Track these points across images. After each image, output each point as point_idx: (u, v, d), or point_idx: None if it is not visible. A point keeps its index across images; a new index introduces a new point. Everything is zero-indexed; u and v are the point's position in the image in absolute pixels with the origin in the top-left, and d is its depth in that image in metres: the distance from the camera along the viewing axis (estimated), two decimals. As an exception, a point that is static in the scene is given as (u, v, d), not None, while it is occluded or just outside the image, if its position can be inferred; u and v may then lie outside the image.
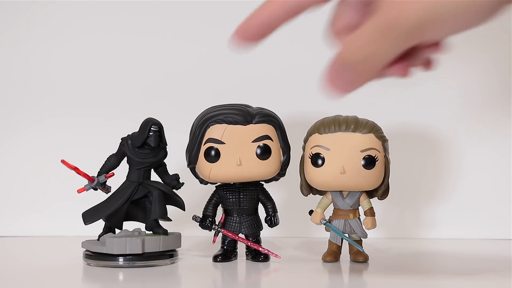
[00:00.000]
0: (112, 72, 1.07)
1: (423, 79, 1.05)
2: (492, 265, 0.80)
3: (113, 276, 0.73)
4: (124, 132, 0.82)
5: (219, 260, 0.81)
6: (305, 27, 1.07)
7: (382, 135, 0.80)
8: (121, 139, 0.81)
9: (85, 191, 0.80)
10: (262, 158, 0.79)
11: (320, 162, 0.78)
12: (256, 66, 1.07)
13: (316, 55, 1.07)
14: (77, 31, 1.08)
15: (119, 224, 0.83)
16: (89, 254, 0.79)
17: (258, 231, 0.83)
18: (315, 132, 0.80)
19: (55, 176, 1.02)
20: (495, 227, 1.04)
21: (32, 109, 1.07)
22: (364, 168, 0.78)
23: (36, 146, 1.06)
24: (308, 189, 0.82)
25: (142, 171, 0.81)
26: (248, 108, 0.80)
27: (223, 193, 0.83)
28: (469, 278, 0.74)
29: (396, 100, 1.05)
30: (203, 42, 1.07)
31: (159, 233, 0.80)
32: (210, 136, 0.79)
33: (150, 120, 0.80)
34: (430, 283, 0.72)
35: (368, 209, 0.81)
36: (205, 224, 0.82)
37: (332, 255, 0.81)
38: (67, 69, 1.07)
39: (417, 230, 1.05)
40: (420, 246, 0.97)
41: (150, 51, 1.07)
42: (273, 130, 0.81)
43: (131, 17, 1.08)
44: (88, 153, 0.95)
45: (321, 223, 0.81)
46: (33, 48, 1.08)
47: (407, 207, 1.05)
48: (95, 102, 1.07)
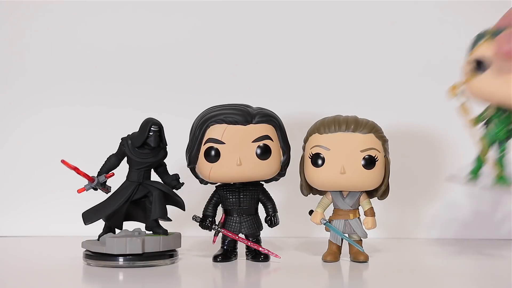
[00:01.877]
0: (112, 72, 1.07)
1: (423, 79, 1.05)
2: (492, 265, 0.80)
3: (113, 276, 0.73)
4: (124, 132, 0.82)
5: (219, 260, 0.81)
6: (305, 27, 1.08)
7: (382, 135, 0.80)
8: (121, 139, 0.81)
9: (85, 191, 0.80)
10: (262, 158, 0.79)
11: (320, 162, 0.78)
12: (256, 66, 1.07)
13: (316, 55, 1.07)
14: (75, 32, 1.08)
15: (119, 224, 0.83)
16: (89, 254, 0.79)
17: (258, 231, 0.83)
18: (315, 132, 0.80)
19: (55, 176, 1.02)
20: (495, 227, 1.04)
21: (32, 109, 1.07)
22: (364, 168, 0.78)
23: (36, 146, 1.06)
24: (308, 189, 0.82)
25: (142, 171, 0.81)
26: (248, 108, 0.80)
27: (223, 193, 0.83)
28: (469, 278, 0.74)
29: (396, 100, 1.05)
30: (203, 42, 1.07)
31: (159, 233, 0.80)
32: (210, 136, 0.79)
33: (150, 120, 0.80)
34: (430, 283, 0.72)
35: (368, 209, 0.81)
36: (205, 224, 0.82)
37: (332, 255, 0.81)
38: (67, 68, 1.07)
39: (417, 230, 1.05)
40: (420, 246, 0.97)
41: (150, 51, 1.07)
42: (273, 130, 0.80)
43: (130, 18, 1.08)
44: (88, 153, 0.95)
45: (321, 223, 0.81)
46: (30, 43, 1.07)
47: (407, 207, 1.05)
48: (95, 102, 1.07)
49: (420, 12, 1.07)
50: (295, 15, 1.07)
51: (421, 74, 1.06)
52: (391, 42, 1.06)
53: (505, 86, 0.72)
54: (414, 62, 1.06)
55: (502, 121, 0.77)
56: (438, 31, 1.06)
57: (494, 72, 0.72)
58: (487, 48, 0.72)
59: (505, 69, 0.71)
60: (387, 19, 1.07)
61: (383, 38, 1.06)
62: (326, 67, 1.07)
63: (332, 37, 1.07)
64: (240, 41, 1.07)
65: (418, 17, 1.07)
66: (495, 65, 0.72)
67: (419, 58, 1.06)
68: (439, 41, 1.06)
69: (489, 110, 0.77)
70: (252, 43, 1.07)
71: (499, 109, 0.76)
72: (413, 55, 1.06)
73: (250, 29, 1.07)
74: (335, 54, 1.07)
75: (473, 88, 0.74)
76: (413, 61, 1.06)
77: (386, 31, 1.06)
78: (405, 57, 1.06)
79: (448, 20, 1.06)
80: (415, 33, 1.06)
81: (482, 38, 0.74)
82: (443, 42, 1.06)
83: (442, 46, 1.06)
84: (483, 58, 0.73)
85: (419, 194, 1.05)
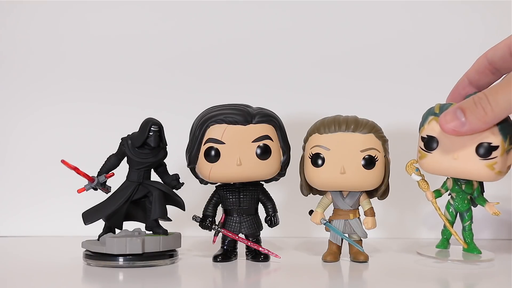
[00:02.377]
0: (112, 71, 1.07)
1: (423, 79, 1.05)
2: (492, 265, 0.80)
3: (113, 276, 0.73)
4: (124, 132, 0.82)
5: (219, 260, 0.81)
6: (305, 27, 1.08)
7: (382, 135, 0.80)
8: (121, 139, 0.81)
9: (85, 191, 0.80)
10: (262, 158, 0.79)
11: (320, 162, 0.78)
12: (256, 66, 1.07)
13: (316, 55, 1.07)
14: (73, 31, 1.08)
15: (119, 224, 0.83)
16: (89, 254, 0.79)
17: (258, 231, 0.83)
18: (315, 132, 0.80)
19: (55, 176, 1.02)
20: (495, 227, 1.04)
21: (32, 109, 1.07)
22: (364, 168, 0.78)
23: (36, 146, 1.06)
24: (308, 189, 0.82)
25: (142, 171, 0.81)
26: (248, 108, 0.80)
27: (223, 193, 0.83)
28: (469, 278, 0.74)
29: (396, 100, 1.05)
30: (203, 42, 1.07)
31: (159, 233, 0.80)
32: (210, 136, 0.79)
33: (150, 120, 0.80)
34: (430, 283, 0.72)
35: (368, 209, 0.81)
36: (205, 224, 0.82)
37: (332, 255, 0.81)
38: (67, 68, 1.07)
39: (417, 230, 1.05)
40: (420, 246, 0.97)
41: (150, 50, 1.07)
42: (273, 130, 0.80)
43: (130, 18, 1.08)
44: (88, 153, 0.95)
45: (321, 223, 0.81)
46: (30, 42, 1.07)
47: (407, 207, 1.05)
48: (95, 102, 1.07)
49: (420, 12, 1.07)
50: (295, 15, 1.07)
51: (422, 74, 1.06)
52: (391, 42, 1.06)
53: (456, 161, 0.74)
54: (414, 62, 1.06)
55: (462, 192, 0.78)
56: (438, 31, 1.06)
57: (444, 148, 0.74)
58: (436, 125, 0.75)
59: (454, 145, 0.74)
60: (387, 18, 1.07)
61: (383, 38, 1.06)
62: (326, 67, 1.07)
63: (332, 37, 1.07)
64: (240, 41, 1.07)
65: (418, 17, 1.07)
66: (444, 141, 0.73)
67: (419, 58, 1.06)
68: (439, 41, 1.06)
69: (448, 182, 0.79)
70: (252, 43, 1.07)
71: (457, 180, 0.78)
72: (413, 55, 1.06)
73: (250, 29, 1.07)
74: (335, 54, 1.06)
75: (426, 164, 0.77)
76: (413, 61, 1.06)
77: (386, 31, 1.06)
78: (405, 57, 1.06)
79: (449, 20, 1.06)
80: (415, 33, 1.06)
81: (432, 114, 0.75)
82: (443, 41, 1.06)
83: (442, 45, 1.06)
84: (433, 134, 0.75)
85: (419, 194, 1.05)
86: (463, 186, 0.78)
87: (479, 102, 0.69)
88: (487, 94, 0.69)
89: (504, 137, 0.72)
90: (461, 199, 0.79)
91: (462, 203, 0.79)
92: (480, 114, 0.69)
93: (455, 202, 0.79)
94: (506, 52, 0.75)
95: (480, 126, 0.70)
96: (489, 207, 0.79)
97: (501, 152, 0.72)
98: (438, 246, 0.80)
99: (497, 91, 0.69)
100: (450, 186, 0.79)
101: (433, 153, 0.75)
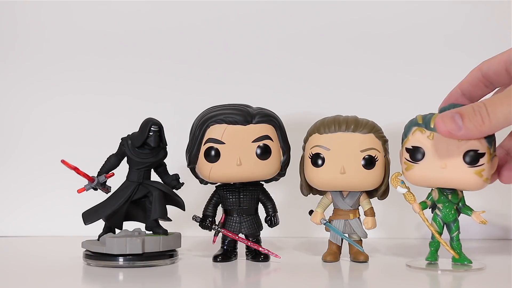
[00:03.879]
0: (112, 71, 1.07)
1: (423, 79, 1.05)
2: (492, 265, 0.80)
3: (113, 276, 0.73)
4: (124, 131, 0.82)
5: (219, 260, 0.81)
6: (305, 27, 1.08)
7: (382, 135, 0.80)
8: (121, 139, 0.81)
9: (85, 191, 0.80)
10: (262, 158, 0.79)
11: (320, 162, 0.78)
12: (257, 66, 1.07)
13: (316, 55, 1.07)
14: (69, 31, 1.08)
15: (119, 224, 0.83)
16: (89, 254, 0.79)
17: (258, 231, 0.83)
18: (315, 132, 0.80)
19: (55, 176, 1.02)
20: (495, 227, 1.04)
21: (32, 109, 1.07)
22: (364, 168, 0.78)
23: (36, 146, 1.06)
24: (308, 189, 0.82)
25: (142, 171, 0.81)
26: (248, 108, 0.80)
27: (223, 193, 0.83)
28: (469, 278, 0.74)
29: (396, 100, 1.05)
30: (203, 42, 1.07)
31: (159, 233, 0.80)
32: (210, 136, 0.79)
33: (150, 120, 0.80)
34: (430, 283, 0.72)
35: (368, 209, 0.81)
36: (205, 224, 0.82)
37: (332, 255, 0.81)
38: (66, 67, 1.07)
39: (417, 230, 1.05)
40: (420, 246, 0.97)
41: (150, 50, 1.07)
42: (273, 130, 0.80)
43: (130, 18, 1.08)
44: (88, 153, 0.95)
45: (321, 223, 0.81)
46: (30, 41, 1.08)
47: (407, 207, 1.05)
48: (96, 102, 1.07)
49: (420, 11, 1.07)
50: (295, 15, 1.07)
51: (422, 74, 1.06)
52: (391, 42, 1.06)
53: (444, 170, 0.74)
54: (414, 62, 1.06)
55: (449, 202, 0.78)
56: (438, 31, 1.06)
57: (430, 158, 0.74)
58: (421, 135, 0.75)
59: (441, 154, 0.74)
60: (386, 18, 1.07)
61: (383, 38, 1.06)
62: (326, 67, 1.07)
63: (332, 37, 1.07)
64: (240, 41, 1.07)
65: (418, 17, 1.07)
66: (430, 151, 0.73)
67: (419, 58, 1.06)
68: (440, 41, 1.06)
69: (434, 193, 0.79)
70: (253, 43, 1.07)
71: (443, 190, 0.78)
72: (413, 55, 1.06)
73: (250, 29, 1.07)
74: (335, 54, 1.06)
75: (413, 176, 0.76)
76: (413, 61, 1.06)
77: (386, 30, 1.06)
78: (405, 57, 1.06)
79: (449, 20, 1.06)
80: (414, 33, 1.06)
81: (415, 125, 0.75)
82: (444, 42, 1.06)
83: (442, 46, 1.06)
84: (418, 145, 0.75)
85: (419, 194, 1.05)
86: (449, 196, 0.78)
87: (478, 111, 0.69)
88: (487, 105, 0.69)
89: (489, 144, 0.73)
90: (448, 210, 0.79)
91: (449, 213, 0.79)
92: (477, 122, 0.69)
93: (442, 212, 0.79)
94: (501, 67, 0.76)
95: (475, 133, 0.70)
96: (476, 216, 0.79)
97: (487, 159, 0.73)
98: (428, 258, 0.79)
99: (496, 103, 0.69)
100: (436, 197, 0.79)
101: (419, 164, 0.75)
